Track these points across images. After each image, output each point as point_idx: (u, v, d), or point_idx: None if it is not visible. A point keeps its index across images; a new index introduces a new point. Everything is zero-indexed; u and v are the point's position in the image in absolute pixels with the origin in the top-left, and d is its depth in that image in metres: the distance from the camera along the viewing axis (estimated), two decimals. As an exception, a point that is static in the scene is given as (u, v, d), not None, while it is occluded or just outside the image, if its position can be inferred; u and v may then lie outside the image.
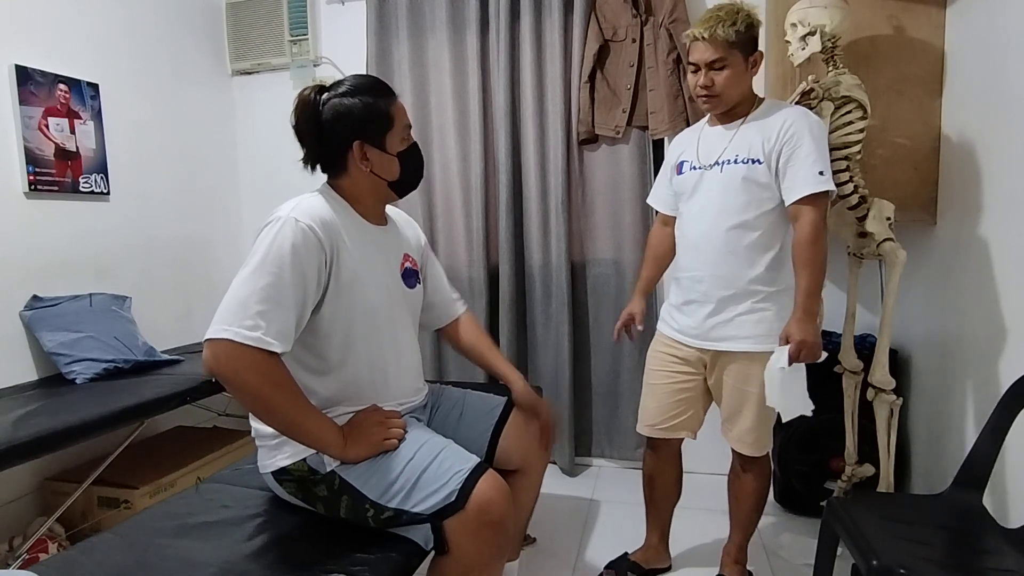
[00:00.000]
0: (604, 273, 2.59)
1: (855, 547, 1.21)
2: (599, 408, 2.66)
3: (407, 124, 1.32)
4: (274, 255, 1.12)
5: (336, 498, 1.22)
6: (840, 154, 1.76)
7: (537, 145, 2.56)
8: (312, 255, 1.15)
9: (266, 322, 1.09)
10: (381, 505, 1.18)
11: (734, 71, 1.49)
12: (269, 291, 1.10)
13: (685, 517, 1.94)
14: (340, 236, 1.22)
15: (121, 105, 2.47)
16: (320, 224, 1.18)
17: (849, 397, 1.83)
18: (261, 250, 1.13)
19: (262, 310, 1.09)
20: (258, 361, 1.08)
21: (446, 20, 2.62)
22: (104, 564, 1.10)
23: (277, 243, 1.13)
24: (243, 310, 1.08)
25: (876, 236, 1.73)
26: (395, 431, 1.23)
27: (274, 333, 1.09)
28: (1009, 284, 1.59)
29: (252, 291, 1.10)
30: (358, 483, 1.20)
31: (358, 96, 1.24)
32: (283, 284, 1.12)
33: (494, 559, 1.22)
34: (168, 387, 2.00)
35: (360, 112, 1.24)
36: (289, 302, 1.12)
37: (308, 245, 1.15)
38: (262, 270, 1.11)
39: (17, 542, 1.92)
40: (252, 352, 1.07)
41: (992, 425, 1.38)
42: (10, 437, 1.54)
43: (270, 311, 1.10)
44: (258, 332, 1.07)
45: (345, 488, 1.21)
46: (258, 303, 1.09)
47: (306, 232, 1.15)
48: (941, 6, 1.95)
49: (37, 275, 2.15)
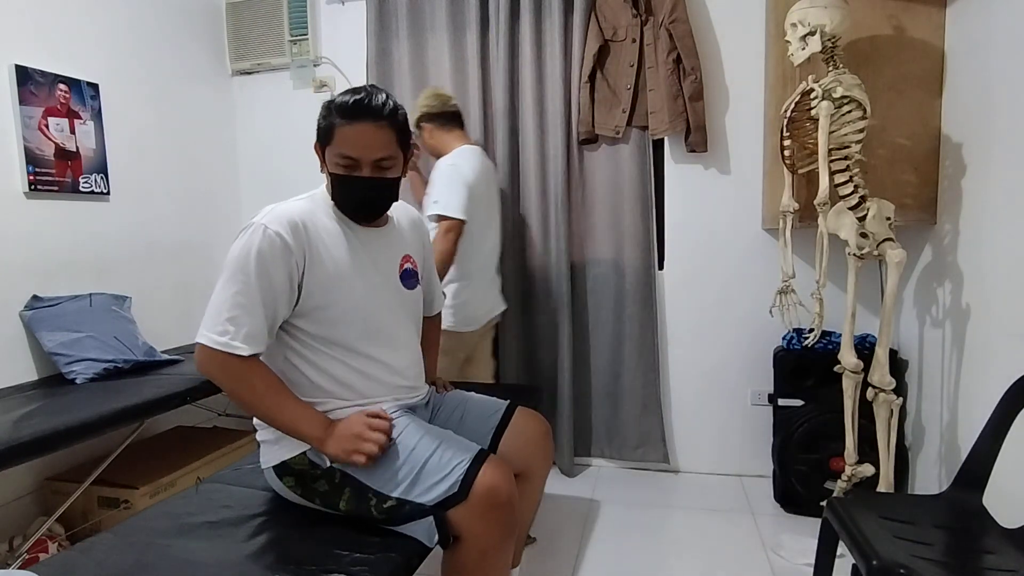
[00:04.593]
0: (604, 273, 2.59)
1: (855, 547, 1.21)
2: (599, 408, 2.66)
3: (346, 154, 1.26)
4: (242, 262, 1.19)
5: (337, 491, 1.23)
6: (840, 154, 1.76)
7: (537, 145, 2.56)
8: (279, 260, 1.21)
9: (235, 327, 1.17)
10: (384, 494, 1.20)
11: None
12: (238, 298, 1.18)
13: (685, 517, 1.94)
14: (316, 238, 1.26)
15: (121, 105, 2.47)
16: (290, 229, 1.22)
17: (849, 397, 1.83)
18: (232, 257, 1.21)
19: (231, 316, 1.18)
20: (228, 363, 1.18)
21: (446, 20, 2.62)
22: (104, 564, 1.10)
23: (244, 251, 1.20)
24: (216, 316, 1.19)
25: (876, 236, 1.73)
26: (367, 447, 1.19)
27: (242, 337, 1.18)
28: (1009, 284, 1.59)
29: (224, 298, 1.19)
30: (360, 474, 1.22)
31: (332, 102, 1.28)
32: (251, 290, 1.19)
33: (505, 540, 1.22)
34: (168, 387, 2.00)
35: (320, 117, 1.30)
36: (258, 307, 1.19)
37: (274, 251, 1.20)
38: (233, 278, 1.19)
39: (17, 542, 1.92)
40: (222, 356, 1.17)
41: (992, 425, 1.38)
42: (10, 437, 1.54)
43: (238, 317, 1.18)
44: (226, 337, 1.17)
45: (347, 480, 1.22)
46: (228, 310, 1.18)
47: (272, 239, 1.20)
48: (941, 6, 1.95)
49: (37, 275, 2.15)
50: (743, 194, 2.49)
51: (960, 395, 1.84)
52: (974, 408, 1.76)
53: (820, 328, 1.91)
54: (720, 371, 2.57)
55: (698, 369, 2.60)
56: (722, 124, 2.49)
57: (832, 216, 1.80)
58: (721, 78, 2.47)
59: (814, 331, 1.92)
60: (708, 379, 2.59)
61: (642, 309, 2.54)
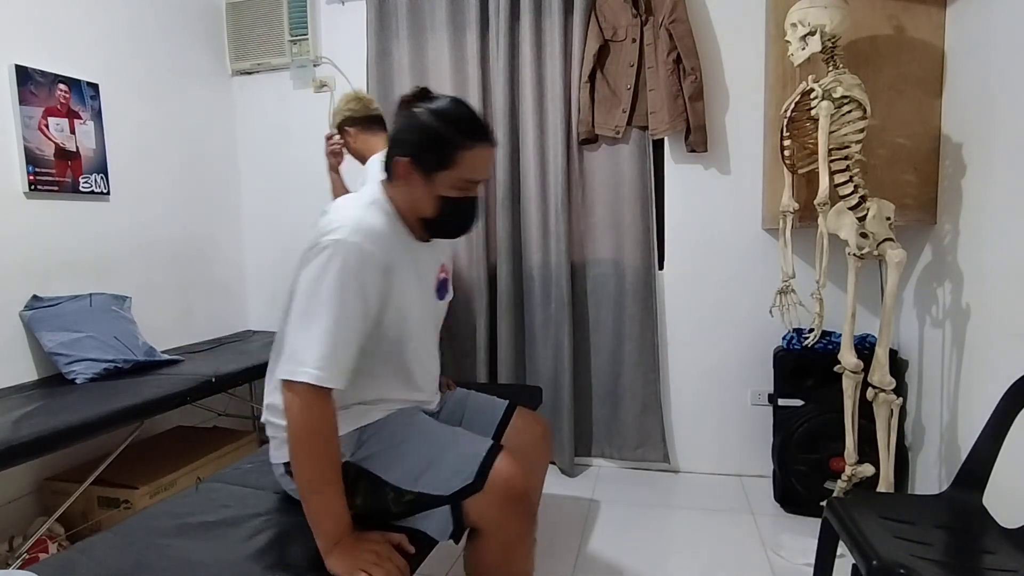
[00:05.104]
0: (604, 273, 2.59)
1: (855, 547, 1.21)
2: (599, 408, 2.66)
3: (471, 179, 1.21)
4: (336, 286, 1.10)
5: (352, 486, 1.20)
6: (840, 154, 1.76)
7: (537, 145, 2.56)
8: (374, 280, 1.14)
9: (333, 362, 1.09)
10: (402, 489, 1.19)
11: None
12: (337, 328, 1.10)
13: (685, 517, 1.94)
14: (396, 256, 1.20)
15: (121, 105, 2.47)
16: (381, 247, 1.15)
17: (849, 397, 1.83)
18: (321, 282, 1.11)
19: (329, 351, 1.09)
20: (323, 402, 1.10)
21: (446, 20, 2.62)
22: (103, 563, 1.10)
23: (339, 272, 1.10)
24: (316, 349, 1.08)
25: (876, 236, 1.73)
26: (377, 571, 1.07)
27: (337, 373, 1.10)
28: (1009, 284, 1.59)
29: (324, 328, 1.09)
30: (377, 470, 1.21)
31: (439, 120, 1.18)
32: (347, 318, 1.11)
33: (525, 532, 1.23)
34: (168, 387, 2.00)
35: (426, 135, 1.18)
36: (355, 336, 1.13)
37: (370, 270, 1.13)
38: (328, 304, 1.10)
39: (17, 542, 1.92)
40: (323, 396, 1.09)
41: (992, 425, 1.38)
42: (10, 437, 1.54)
43: (336, 350, 1.10)
44: (326, 372, 1.08)
45: (362, 476, 1.21)
46: (329, 344, 1.09)
47: (368, 256, 1.13)
48: (941, 6, 1.95)
49: (37, 275, 2.15)
50: (743, 194, 2.49)
51: (960, 395, 1.84)
52: (974, 408, 1.76)
53: (820, 328, 1.91)
54: (720, 371, 2.57)
55: (698, 369, 2.60)
56: (722, 124, 2.49)
57: (832, 216, 1.80)
58: (721, 78, 2.47)
59: (814, 331, 1.93)
60: (708, 379, 2.59)
61: (642, 309, 2.54)
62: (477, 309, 2.65)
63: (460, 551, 1.25)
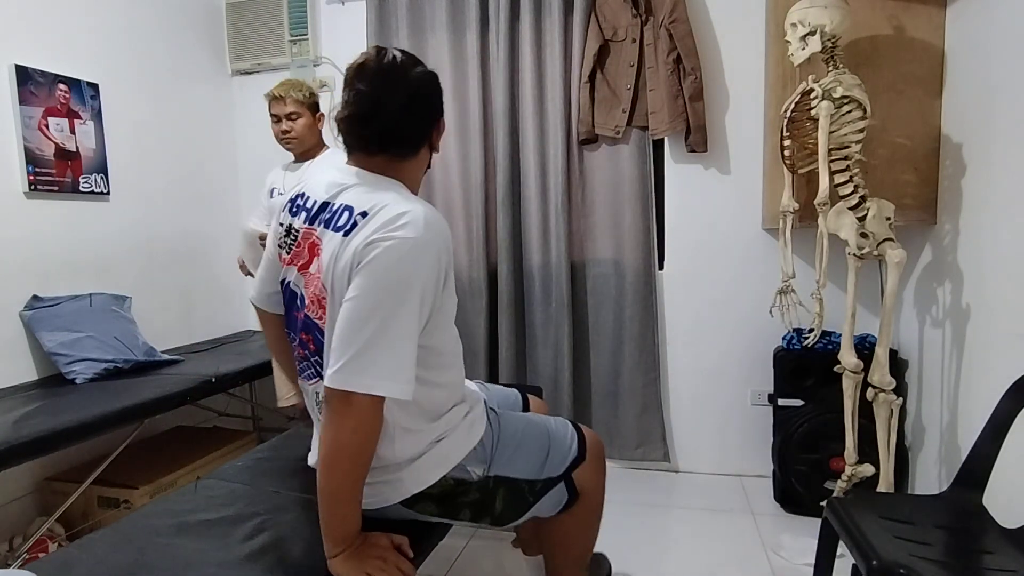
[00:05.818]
0: (604, 273, 2.59)
1: (855, 547, 1.21)
2: (599, 408, 2.66)
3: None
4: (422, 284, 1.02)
5: (491, 496, 1.22)
6: (840, 154, 1.76)
7: (537, 145, 2.56)
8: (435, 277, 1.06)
9: (405, 372, 1.01)
10: (534, 480, 1.25)
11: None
12: (410, 330, 1.01)
13: (685, 517, 1.94)
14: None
15: (121, 105, 2.47)
16: (442, 235, 1.07)
17: (849, 397, 1.83)
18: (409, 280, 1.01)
19: (402, 362, 1.01)
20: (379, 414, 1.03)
21: (446, 20, 2.62)
22: (103, 562, 1.10)
23: (428, 268, 1.03)
24: (397, 358, 1.00)
25: (876, 236, 1.73)
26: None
27: (407, 382, 1.02)
28: (1008, 284, 1.59)
29: (398, 335, 1.00)
30: (508, 471, 1.24)
31: (433, 74, 1.15)
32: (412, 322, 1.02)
33: (604, 486, 1.39)
34: (168, 387, 2.00)
35: (437, 93, 1.15)
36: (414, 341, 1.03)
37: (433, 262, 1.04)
38: (404, 306, 1.00)
39: (17, 542, 1.92)
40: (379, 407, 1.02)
41: (992, 425, 1.37)
42: (10, 437, 1.54)
43: (409, 359, 1.01)
44: (398, 384, 1.00)
45: (500, 483, 1.23)
46: (409, 352, 1.01)
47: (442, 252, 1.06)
48: (941, 6, 1.95)
49: (37, 275, 2.15)
50: (743, 194, 2.49)
51: (960, 395, 1.84)
52: (974, 408, 1.76)
53: (820, 328, 1.91)
54: (720, 371, 2.57)
55: (698, 369, 2.60)
56: (722, 124, 2.49)
57: (832, 216, 1.80)
58: (721, 78, 2.47)
59: (814, 331, 1.92)
60: (708, 379, 2.58)
61: (642, 309, 2.54)
62: (477, 309, 2.65)
63: (459, 552, 1.24)
